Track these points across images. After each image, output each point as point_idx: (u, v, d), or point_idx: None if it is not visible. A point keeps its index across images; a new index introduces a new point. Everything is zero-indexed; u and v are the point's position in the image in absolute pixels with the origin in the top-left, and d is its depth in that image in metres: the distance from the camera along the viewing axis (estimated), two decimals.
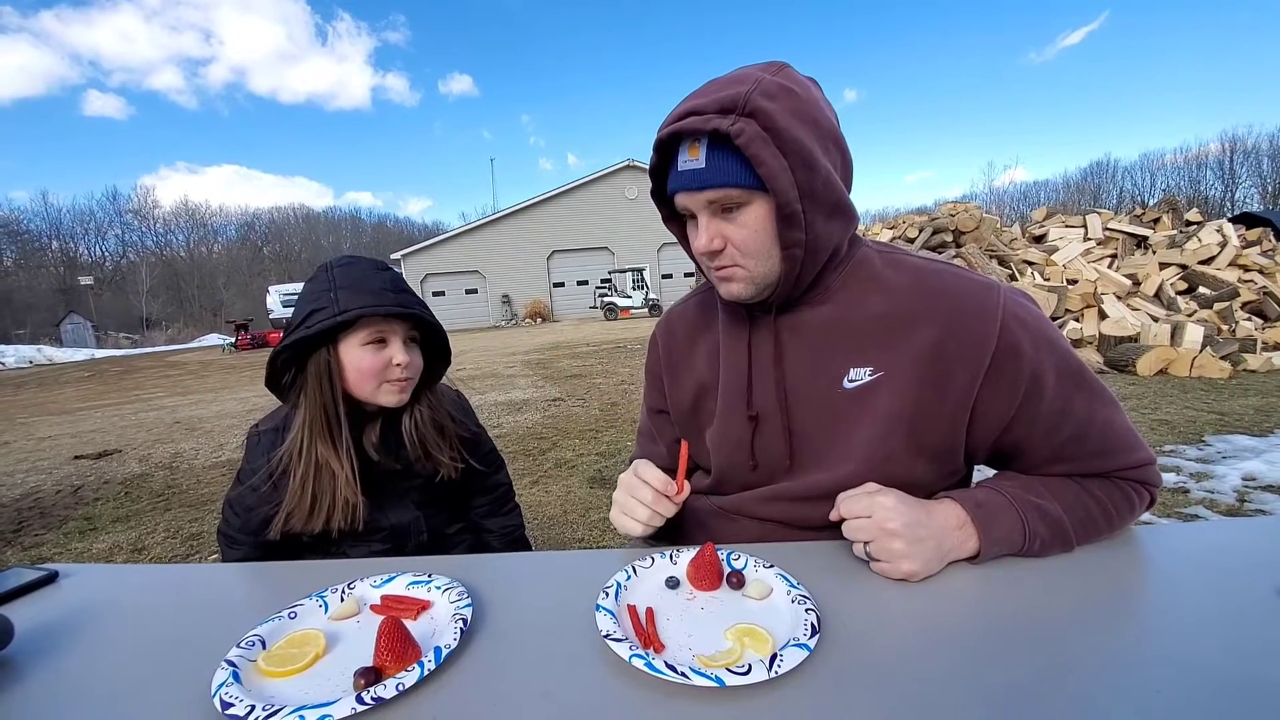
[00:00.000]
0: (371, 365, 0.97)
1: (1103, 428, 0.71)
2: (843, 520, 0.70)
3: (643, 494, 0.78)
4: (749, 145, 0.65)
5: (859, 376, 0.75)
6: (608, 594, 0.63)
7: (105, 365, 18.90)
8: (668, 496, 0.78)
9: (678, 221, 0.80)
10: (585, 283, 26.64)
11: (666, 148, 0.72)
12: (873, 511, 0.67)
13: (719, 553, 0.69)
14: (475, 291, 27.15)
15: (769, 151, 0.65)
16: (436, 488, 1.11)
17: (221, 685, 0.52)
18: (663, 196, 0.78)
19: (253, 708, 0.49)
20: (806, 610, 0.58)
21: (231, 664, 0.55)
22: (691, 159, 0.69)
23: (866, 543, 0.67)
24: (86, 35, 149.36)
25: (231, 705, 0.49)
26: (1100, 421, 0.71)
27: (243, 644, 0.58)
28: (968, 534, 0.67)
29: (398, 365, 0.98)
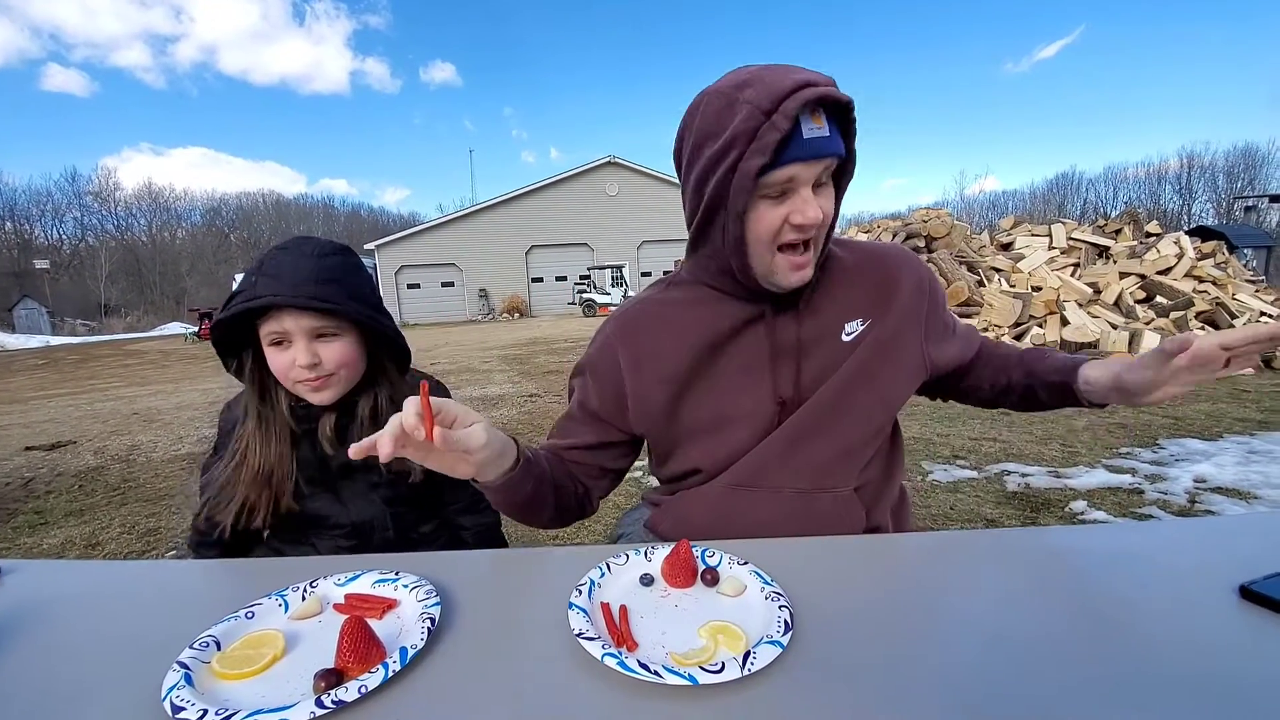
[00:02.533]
0: (277, 364, 0.91)
1: (965, 329, 1.02)
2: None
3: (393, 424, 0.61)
4: (855, 121, 0.74)
5: (854, 329, 0.87)
6: (581, 592, 0.62)
7: (60, 353, 18.14)
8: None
9: (719, 213, 0.76)
10: (564, 279, 26.46)
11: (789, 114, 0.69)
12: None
13: (694, 549, 0.69)
14: (451, 285, 26.73)
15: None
16: (406, 485, 1.07)
17: (172, 688, 0.49)
18: (728, 181, 0.73)
19: (205, 711, 0.46)
20: (780, 607, 0.58)
21: (184, 666, 0.52)
22: (817, 127, 0.71)
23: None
24: (48, 7, 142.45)
25: (183, 709, 0.47)
26: (963, 327, 1.01)
27: (196, 645, 0.55)
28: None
29: (301, 367, 0.91)
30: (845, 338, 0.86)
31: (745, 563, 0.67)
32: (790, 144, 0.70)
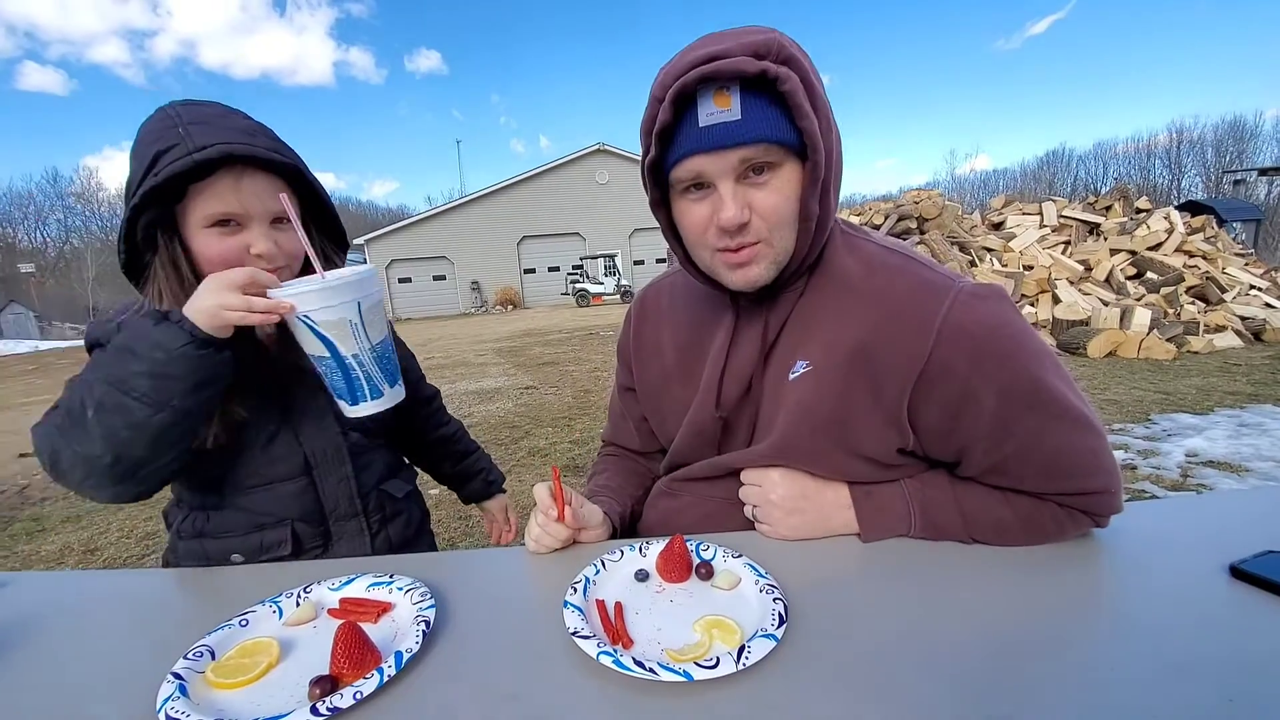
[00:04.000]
0: (219, 252, 0.75)
1: (1051, 451, 0.65)
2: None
3: (538, 515, 0.76)
4: (794, 94, 0.56)
5: (799, 369, 0.71)
6: (576, 590, 0.62)
7: (50, 357, 17.94)
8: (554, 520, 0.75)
9: (665, 208, 0.70)
10: (557, 269, 26.30)
11: (684, 100, 0.59)
12: (762, 482, 0.75)
13: (687, 543, 0.69)
14: (443, 278, 26.53)
15: (808, 106, 0.58)
16: None
17: (167, 700, 0.49)
18: (655, 174, 0.66)
19: None
20: (774, 600, 0.58)
21: (178, 677, 0.52)
22: (721, 110, 0.58)
23: (754, 506, 0.75)
24: (21, 3, 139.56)
25: None
26: (1050, 444, 0.65)
27: (190, 655, 0.55)
28: (851, 515, 0.72)
29: (258, 256, 0.76)
30: (791, 377, 0.72)
31: (739, 555, 0.68)
32: (682, 133, 0.61)
